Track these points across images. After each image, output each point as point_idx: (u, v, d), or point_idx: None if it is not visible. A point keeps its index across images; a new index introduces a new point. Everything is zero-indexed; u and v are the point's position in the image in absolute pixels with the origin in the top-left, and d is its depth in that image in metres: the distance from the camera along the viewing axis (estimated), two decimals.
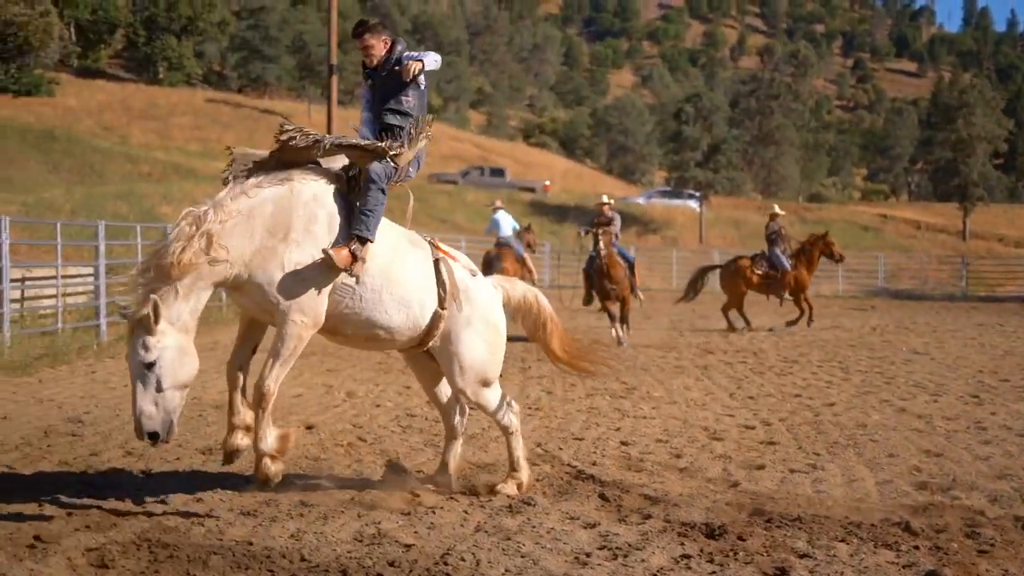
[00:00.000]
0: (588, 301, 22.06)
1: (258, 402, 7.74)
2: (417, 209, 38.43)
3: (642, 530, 7.62)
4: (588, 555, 7.00)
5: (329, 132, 35.64)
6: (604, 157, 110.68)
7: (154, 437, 7.14)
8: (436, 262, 8.47)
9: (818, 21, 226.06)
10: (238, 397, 8.05)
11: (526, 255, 26.46)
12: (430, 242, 8.68)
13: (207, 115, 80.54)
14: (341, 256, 7.65)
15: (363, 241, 7.79)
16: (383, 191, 7.92)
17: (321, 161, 8.06)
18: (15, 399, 13.09)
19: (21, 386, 14.12)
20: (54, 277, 18.84)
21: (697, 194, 67.65)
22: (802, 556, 7.05)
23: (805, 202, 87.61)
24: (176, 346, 7.20)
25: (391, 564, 6.74)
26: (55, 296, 18.71)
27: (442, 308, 8.36)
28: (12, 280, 16.57)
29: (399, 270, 8.18)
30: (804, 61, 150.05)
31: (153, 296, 7.11)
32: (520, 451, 8.87)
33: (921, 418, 12.74)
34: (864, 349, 20.84)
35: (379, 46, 8.37)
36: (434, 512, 7.98)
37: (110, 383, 14.57)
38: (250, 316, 8.10)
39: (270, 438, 7.78)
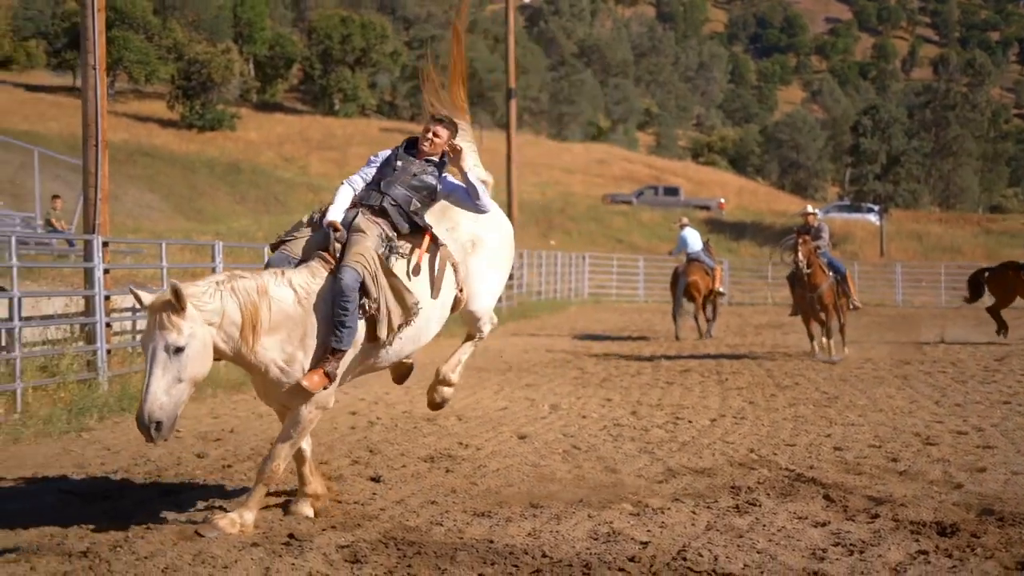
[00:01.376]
0: (795, 312, 21.08)
1: (263, 479, 7.76)
2: (593, 230, 39.06)
3: (873, 528, 7.68)
4: (824, 551, 7.10)
5: (509, 156, 36.19)
6: (775, 174, 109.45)
7: (159, 428, 6.90)
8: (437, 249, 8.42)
9: (992, 28, 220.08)
10: (306, 469, 8.29)
11: (716, 268, 26.43)
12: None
13: (382, 144, 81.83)
14: (314, 382, 7.58)
15: (339, 354, 7.68)
16: (349, 300, 7.62)
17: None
18: (236, 414, 13.67)
19: (240, 403, 14.72)
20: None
21: (876, 208, 66.48)
22: None
23: (986, 213, 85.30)
24: (203, 339, 7.13)
25: (631, 559, 6.94)
26: None
27: (460, 290, 8.56)
28: None
29: (424, 294, 8.18)
30: (980, 70, 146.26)
31: (176, 283, 7.04)
32: (466, 360, 9.13)
33: None
34: None
35: (443, 144, 8.44)
36: (663, 512, 8.15)
37: None
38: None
39: (253, 514, 7.68)
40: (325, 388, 7.67)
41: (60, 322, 15.02)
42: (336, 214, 8.05)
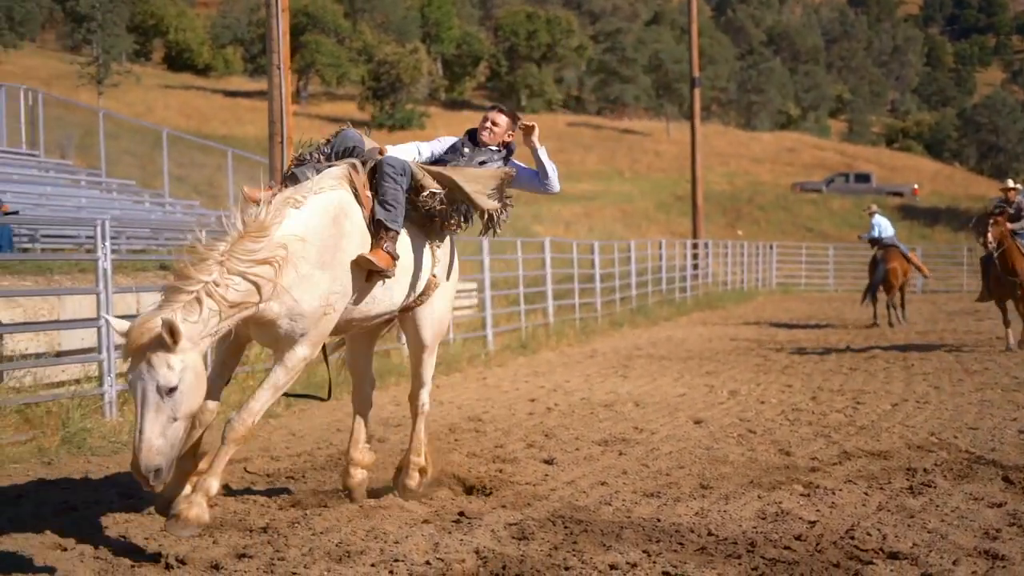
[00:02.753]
0: (984, 297, 19.70)
1: (236, 437, 6.89)
2: (782, 219, 38.45)
3: None
4: (998, 531, 6.96)
5: (693, 144, 36.03)
6: (974, 158, 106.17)
7: (158, 474, 6.01)
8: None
9: None
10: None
11: (911, 254, 25.89)
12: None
13: (569, 138, 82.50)
14: (381, 258, 7.19)
15: (392, 233, 7.32)
16: (396, 181, 7.37)
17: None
18: None
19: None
20: None
21: None
22: None
23: None
24: (195, 368, 6.18)
25: (797, 538, 6.92)
26: None
27: (435, 275, 8.08)
28: None
29: (406, 250, 7.65)
30: None
31: (169, 316, 6.06)
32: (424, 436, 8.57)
33: None
34: None
35: (503, 132, 8.11)
36: (834, 493, 8.09)
37: (501, 387, 15.31)
38: (237, 343, 7.21)
39: (217, 481, 6.88)
40: (387, 271, 7.25)
41: None
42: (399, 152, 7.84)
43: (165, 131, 27.32)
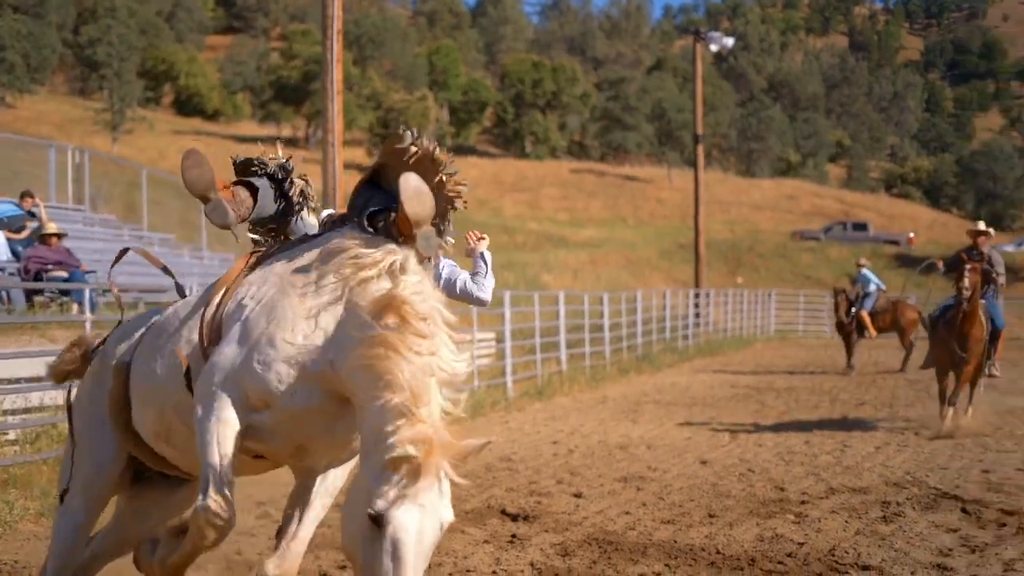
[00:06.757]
0: (929, 363, 16.73)
1: None
2: (781, 266, 39.93)
3: (998, 534, 9.17)
4: (950, 550, 8.63)
5: (697, 200, 37.72)
6: (971, 204, 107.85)
7: None
8: None
9: None
10: None
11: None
12: None
13: (573, 185, 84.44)
14: None
15: None
16: None
17: None
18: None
19: (451, 434, 16.61)
20: (468, 341, 21.54)
21: None
22: None
23: None
24: None
25: (789, 555, 8.56)
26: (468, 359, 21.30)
27: None
28: None
29: None
30: None
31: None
32: None
33: None
34: None
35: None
36: (820, 521, 9.75)
37: (523, 430, 16.87)
38: None
39: None
40: None
41: None
42: None
43: None
